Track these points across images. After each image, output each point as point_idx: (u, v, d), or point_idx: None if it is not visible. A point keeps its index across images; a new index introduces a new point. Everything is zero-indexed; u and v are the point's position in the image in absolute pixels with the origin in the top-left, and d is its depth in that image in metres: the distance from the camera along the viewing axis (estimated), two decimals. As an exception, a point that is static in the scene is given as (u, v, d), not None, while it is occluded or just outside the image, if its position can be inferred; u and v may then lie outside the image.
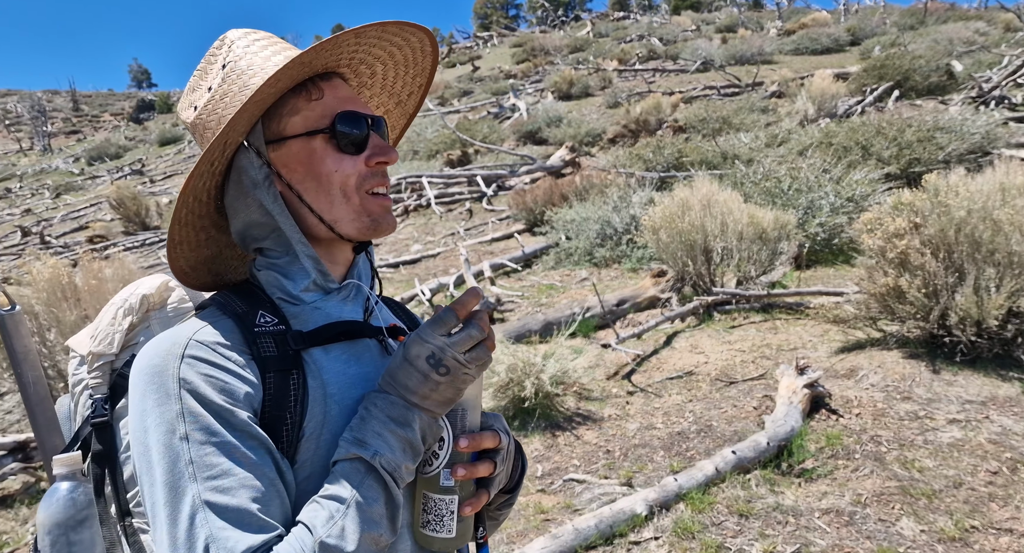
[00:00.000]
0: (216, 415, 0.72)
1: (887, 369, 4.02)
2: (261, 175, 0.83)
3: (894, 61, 12.76)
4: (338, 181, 0.84)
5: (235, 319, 0.81)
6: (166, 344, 0.76)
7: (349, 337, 0.86)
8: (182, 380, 0.73)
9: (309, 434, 0.78)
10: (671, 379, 4.50)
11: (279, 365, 0.78)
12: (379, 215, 0.86)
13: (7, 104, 56.78)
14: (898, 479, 3.04)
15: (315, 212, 0.85)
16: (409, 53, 0.95)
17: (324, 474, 0.77)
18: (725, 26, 28.87)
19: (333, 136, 0.83)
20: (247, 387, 0.75)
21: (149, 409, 0.72)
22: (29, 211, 19.42)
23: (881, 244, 4.07)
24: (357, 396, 0.82)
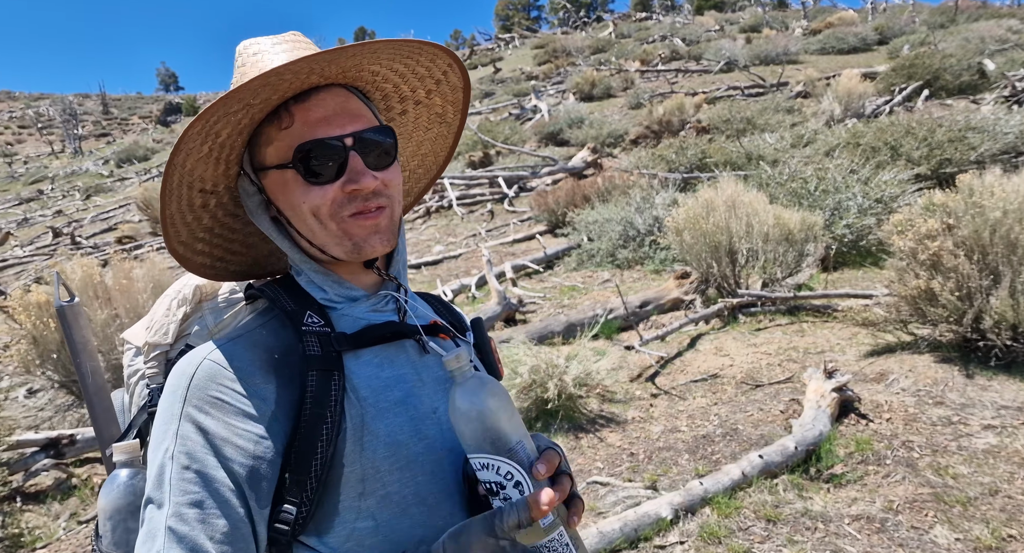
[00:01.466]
0: (209, 445, 0.74)
1: (918, 373, 3.93)
2: (254, 202, 0.87)
3: (924, 60, 12.53)
4: (307, 211, 0.83)
5: (287, 318, 0.84)
6: (184, 362, 0.80)
7: (389, 339, 0.87)
8: (186, 400, 0.76)
9: (350, 435, 0.79)
10: (695, 382, 4.46)
11: (322, 365, 0.80)
12: (361, 238, 0.84)
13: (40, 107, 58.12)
14: (931, 486, 2.97)
15: (304, 237, 0.86)
16: (433, 71, 0.93)
17: (376, 476, 0.80)
18: (749, 26, 28.59)
19: (297, 170, 0.82)
20: (260, 408, 0.77)
21: (158, 423, 0.78)
22: (60, 212, 19.84)
23: (912, 245, 3.99)
24: (394, 398, 0.84)
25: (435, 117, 1.02)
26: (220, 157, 0.84)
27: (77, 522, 3.66)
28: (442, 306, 1.07)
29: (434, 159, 1.09)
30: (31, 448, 4.04)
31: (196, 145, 0.79)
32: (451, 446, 0.86)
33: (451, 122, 1.03)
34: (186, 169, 0.81)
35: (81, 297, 4.48)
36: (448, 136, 1.05)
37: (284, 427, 0.78)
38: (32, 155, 42.00)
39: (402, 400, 0.84)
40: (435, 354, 0.91)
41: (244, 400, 0.77)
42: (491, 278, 6.75)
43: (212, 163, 0.84)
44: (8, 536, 3.37)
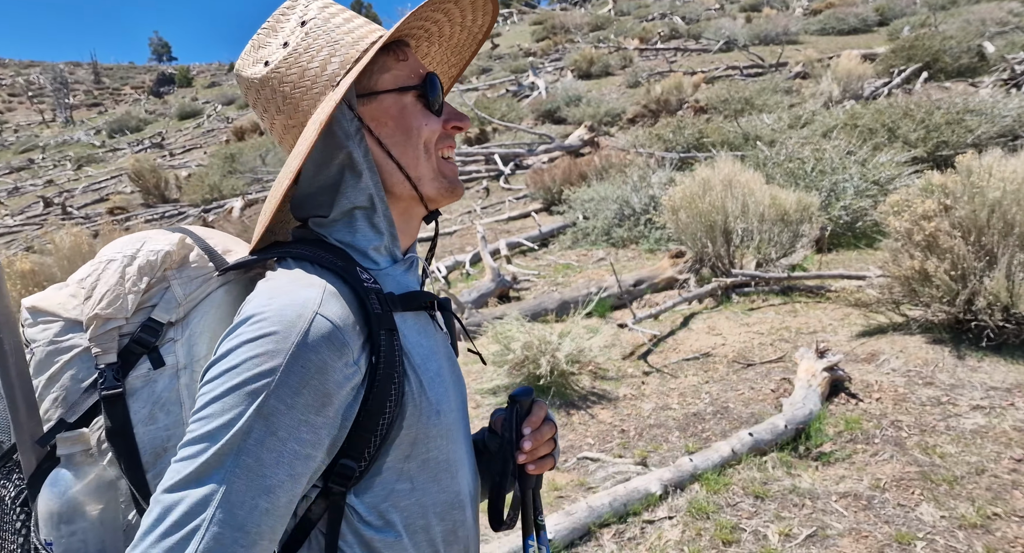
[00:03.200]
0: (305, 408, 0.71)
1: (909, 354, 3.95)
2: (353, 127, 0.84)
3: (923, 42, 12.44)
4: (425, 136, 0.86)
5: (343, 275, 0.79)
6: (292, 313, 0.72)
7: (421, 307, 0.88)
8: (296, 359, 0.70)
9: (412, 399, 0.80)
10: (688, 360, 4.47)
11: (387, 324, 0.78)
12: (453, 178, 0.90)
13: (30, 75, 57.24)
14: (918, 464, 3.00)
15: (402, 168, 0.86)
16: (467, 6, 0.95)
17: (425, 440, 0.81)
18: (749, 5, 28.26)
19: (423, 93, 0.86)
20: (351, 374, 0.74)
21: (248, 370, 0.69)
22: (51, 182, 19.64)
23: (908, 226, 3.98)
24: (434, 368, 0.85)
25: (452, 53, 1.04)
26: None
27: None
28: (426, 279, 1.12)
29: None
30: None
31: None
32: (462, 416, 0.92)
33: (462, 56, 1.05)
34: None
35: (70, 266, 4.43)
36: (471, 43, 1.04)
37: (364, 386, 0.76)
38: (22, 123, 41.43)
39: (438, 372, 0.85)
40: (442, 331, 0.94)
41: (343, 370, 0.73)
42: (485, 255, 6.73)
43: None
44: None
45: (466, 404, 0.97)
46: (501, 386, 4.25)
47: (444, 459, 0.85)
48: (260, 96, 0.87)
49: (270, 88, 0.85)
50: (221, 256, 0.92)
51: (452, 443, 0.86)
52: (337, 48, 0.83)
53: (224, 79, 51.49)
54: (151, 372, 0.85)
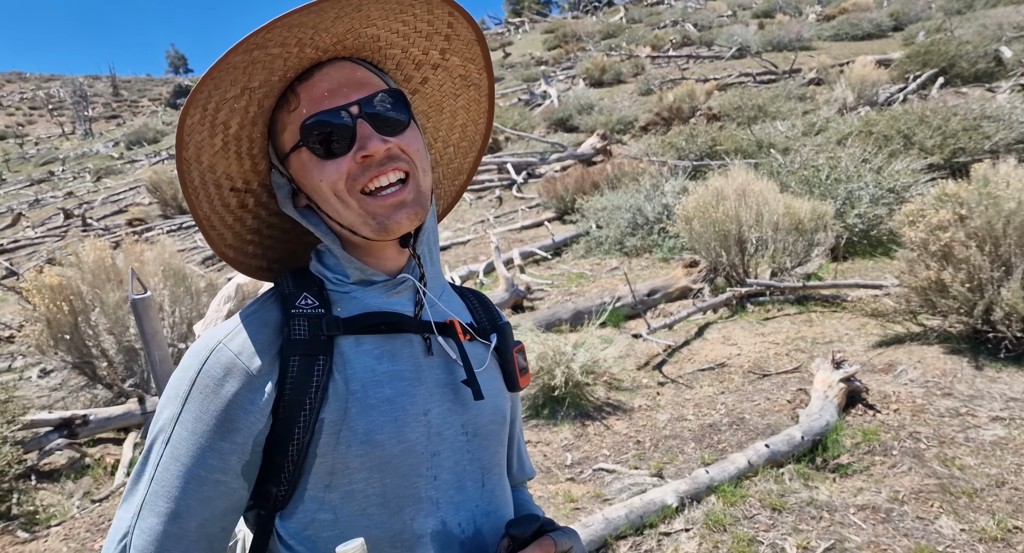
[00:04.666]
0: (205, 434, 0.75)
1: (927, 364, 3.92)
2: (284, 193, 0.85)
3: (939, 47, 12.35)
4: (327, 189, 0.80)
5: (280, 301, 0.82)
6: (200, 344, 0.79)
7: (389, 330, 0.83)
8: (193, 387, 0.76)
9: (328, 427, 0.77)
10: (703, 370, 4.46)
11: (306, 349, 0.78)
12: (384, 215, 0.80)
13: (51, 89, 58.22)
14: (937, 477, 2.98)
15: (333, 219, 0.83)
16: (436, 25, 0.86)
17: (345, 472, 0.78)
18: (762, 11, 28.22)
19: (308, 148, 0.79)
20: (257, 399, 0.77)
21: (163, 400, 0.78)
22: (71, 194, 19.93)
23: (923, 236, 3.96)
24: (384, 395, 0.80)
25: (460, 80, 0.95)
26: (241, 151, 0.82)
27: (91, 500, 3.72)
28: (479, 303, 1.02)
29: (474, 128, 1.02)
30: (45, 428, 4.10)
31: (205, 137, 0.77)
32: (435, 451, 0.83)
33: (479, 83, 0.96)
34: (204, 165, 0.79)
35: (94, 279, 4.51)
36: (481, 100, 0.98)
37: (272, 409, 0.77)
38: (43, 136, 42.13)
39: (391, 399, 0.80)
40: (440, 355, 0.87)
41: (247, 395, 0.76)
42: (499, 264, 6.76)
43: (234, 158, 0.82)
44: (24, 513, 3.43)
45: (482, 434, 0.89)
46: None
47: (377, 493, 0.79)
48: None
49: None
50: None
51: (393, 477, 0.79)
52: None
53: (240, 90, 51.94)
54: None
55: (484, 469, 0.89)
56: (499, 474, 0.93)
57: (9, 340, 6.88)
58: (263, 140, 0.84)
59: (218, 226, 0.85)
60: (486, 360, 0.92)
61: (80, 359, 4.72)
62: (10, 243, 13.72)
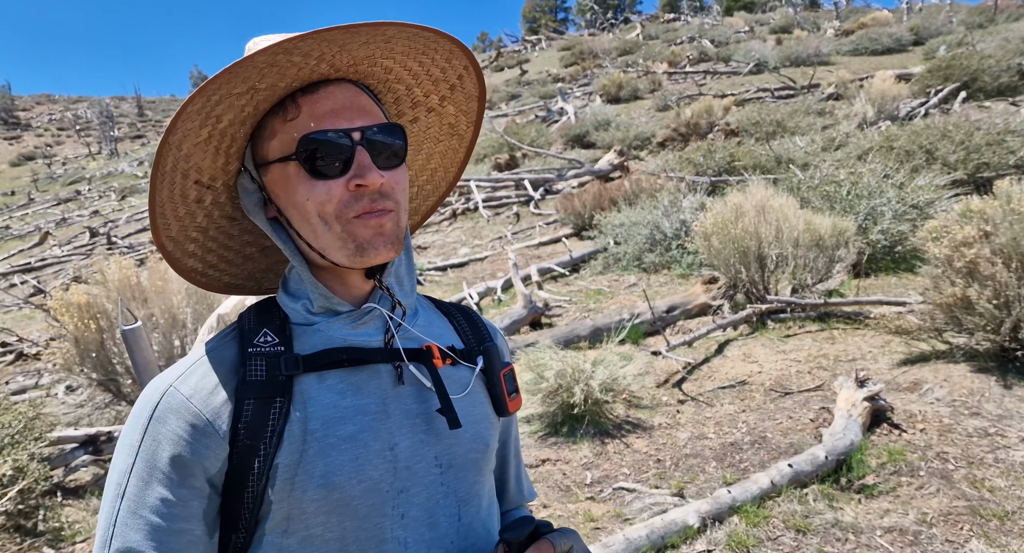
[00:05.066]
0: (160, 483, 0.73)
1: (953, 383, 3.86)
2: (252, 201, 0.82)
3: (961, 61, 12.27)
4: (312, 209, 0.77)
5: (239, 339, 0.80)
6: (151, 389, 0.77)
7: (352, 364, 0.80)
8: (144, 434, 0.74)
9: (283, 472, 0.74)
10: (723, 388, 4.42)
11: (262, 392, 0.75)
12: (365, 240, 0.77)
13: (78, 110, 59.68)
14: (967, 499, 2.91)
15: (304, 239, 0.80)
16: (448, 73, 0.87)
17: (302, 517, 0.74)
18: (780, 27, 28.25)
19: (301, 163, 0.76)
20: (211, 444, 0.74)
21: (118, 449, 0.76)
22: (97, 213, 20.34)
23: (948, 253, 3.91)
24: (345, 433, 0.76)
25: (447, 128, 0.96)
26: (220, 147, 0.79)
27: (114, 517, 3.76)
28: (466, 322, 0.97)
29: (443, 174, 1.02)
30: (71, 444, 4.16)
31: (195, 127, 0.74)
32: (402, 487, 0.79)
33: (463, 135, 0.97)
34: (182, 153, 0.76)
35: (119, 298, 4.59)
36: (459, 150, 0.98)
37: (227, 455, 0.75)
38: (70, 156, 43.14)
39: (352, 436, 0.77)
40: (412, 384, 0.83)
41: (201, 440, 0.73)
42: (517, 281, 6.77)
43: (211, 153, 0.79)
44: (50, 529, 3.47)
45: (459, 465, 0.84)
46: (535, 415, 4.25)
47: (336, 537, 0.75)
48: None
49: None
50: None
51: (353, 519, 0.76)
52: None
53: (261, 109, 52.90)
54: None
55: (460, 502, 0.84)
56: (478, 506, 0.87)
57: (36, 357, 7.01)
58: (243, 141, 0.81)
59: (168, 215, 0.82)
60: (469, 384, 0.88)
61: (105, 376, 4.79)
62: (37, 261, 14.01)
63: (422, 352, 0.84)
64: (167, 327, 4.85)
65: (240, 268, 0.94)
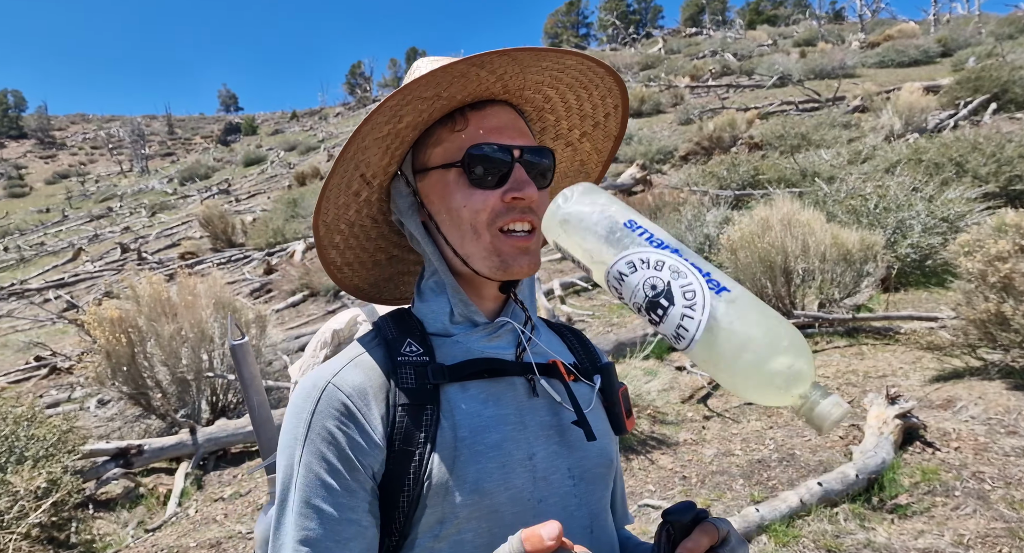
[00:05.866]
0: (330, 474, 0.75)
1: (989, 400, 3.76)
2: (406, 203, 0.87)
3: (991, 72, 12.09)
4: (467, 217, 0.82)
5: (385, 347, 0.83)
6: (309, 384, 0.79)
7: (491, 375, 0.83)
8: (309, 428, 0.76)
9: (437, 477, 0.76)
10: (749, 404, 4.36)
11: (414, 399, 0.78)
12: (510, 256, 0.82)
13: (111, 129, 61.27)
14: (1005, 520, 2.83)
15: (450, 244, 0.84)
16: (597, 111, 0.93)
17: (454, 521, 0.76)
18: (803, 40, 28.10)
19: (465, 170, 0.82)
20: (370, 443, 0.76)
21: (282, 445, 0.79)
22: (128, 229, 20.81)
23: (981, 267, 3.83)
24: (491, 441, 0.79)
25: (577, 165, 1.02)
26: (390, 147, 0.85)
27: (144, 530, 3.81)
28: (578, 342, 1.00)
29: None
30: (102, 457, 4.23)
31: (382, 121, 0.79)
32: (540, 497, 0.81)
33: (590, 173, 1.02)
34: (364, 144, 0.81)
35: (150, 312, 4.68)
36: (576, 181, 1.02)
37: (383, 458, 0.77)
38: (103, 174, 44.25)
39: (497, 444, 0.79)
40: (544, 396, 0.86)
41: (360, 437, 0.76)
42: (539, 295, 6.77)
43: (382, 150, 0.85)
44: (82, 541, 3.53)
45: (589, 478, 0.86)
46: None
47: (486, 543, 0.76)
48: None
49: None
50: None
51: (500, 526, 0.77)
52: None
53: (287, 126, 53.98)
54: None
55: (592, 515, 0.85)
56: (605, 520, 0.89)
57: (69, 371, 7.16)
58: (408, 146, 0.87)
59: (331, 200, 0.87)
60: (592, 401, 0.90)
61: (136, 390, 4.87)
62: (71, 277, 14.35)
63: (549, 367, 0.87)
64: (196, 341, 4.93)
65: (368, 272, 0.99)
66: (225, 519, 3.81)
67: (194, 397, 5.04)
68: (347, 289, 0.99)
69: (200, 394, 5.07)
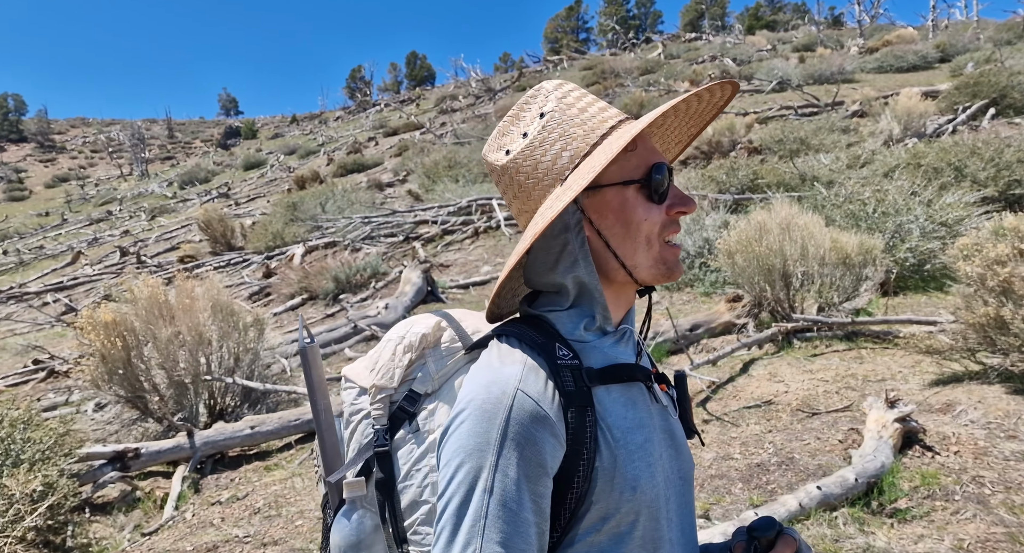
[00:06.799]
0: (524, 479, 0.77)
1: (988, 405, 3.75)
2: (573, 220, 0.88)
3: (989, 77, 12.12)
4: (645, 229, 0.87)
5: (540, 352, 0.85)
6: (496, 390, 0.80)
7: (630, 380, 0.89)
8: (505, 434, 0.77)
9: (603, 475, 0.81)
10: (749, 408, 4.35)
11: (579, 400, 0.82)
12: (673, 264, 0.90)
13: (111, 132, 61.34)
14: (1005, 525, 2.82)
15: (619, 258, 0.88)
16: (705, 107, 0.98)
17: (616, 516, 0.81)
18: (802, 45, 28.17)
19: (646, 186, 0.87)
20: (557, 445, 0.79)
21: (468, 447, 0.78)
22: (127, 232, 20.80)
23: (980, 271, 3.83)
24: (638, 441, 0.84)
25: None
26: None
27: (141, 533, 3.79)
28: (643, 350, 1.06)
29: None
30: (99, 460, 4.22)
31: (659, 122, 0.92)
32: (667, 495, 0.88)
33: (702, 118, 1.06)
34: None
35: (147, 315, 4.67)
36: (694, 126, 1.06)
37: (562, 457, 0.80)
38: (103, 178, 44.27)
39: (642, 445, 0.85)
40: (659, 404, 0.93)
41: (551, 440, 0.79)
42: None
43: None
44: (78, 545, 3.51)
45: (689, 480, 0.95)
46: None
47: (639, 535, 0.84)
48: (501, 179, 0.94)
49: (508, 176, 0.92)
50: (469, 336, 1.06)
51: (652, 520, 0.85)
52: (569, 142, 0.87)
53: (287, 130, 54.06)
54: (408, 435, 0.99)
55: (693, 513, 0.95)
56: (695, 519, 0.98)
57: (66, 374, 7.14)
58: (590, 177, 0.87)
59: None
60: (675, 408, 0.98)
61: (133, 393, 4.86)
62: (69, 280, 14.33)
63: (657, 375, 0.95)
64: (193, 344, 4.92)
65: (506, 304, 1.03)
66: (222, 523, 3.80)
67: (191, 400, 5.02)
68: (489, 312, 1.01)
69: (197, 397, 5.05)
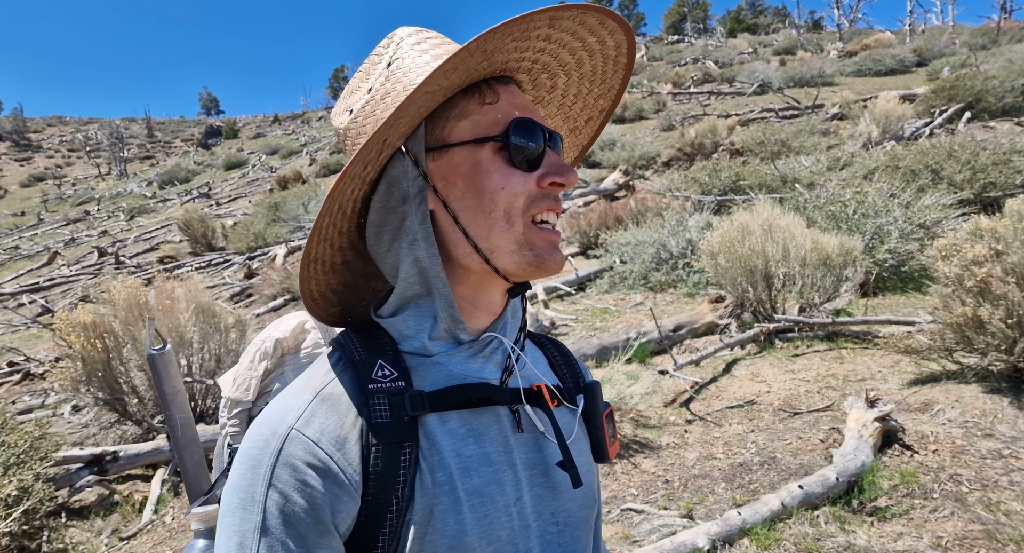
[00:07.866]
0: (297, 542, 0.61)
1: (966, 404, 3.81)
2: (414, 188, 0.70)
3: (965, 81, 12.33)
4: (503, 200, 0.69)
5: (353, 372, 0.69)
6: (267, 430, 0.65)
7: (478, 404, 0.71)
8: (270, 486, 0.62)
9: (415, 529, 0.65)
10: (731, 408, 4.38)
11: (390, 436, 0.65)
12: (544, 250, 0.71)
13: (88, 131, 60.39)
14: (982, 522, 2.86)
15: (470, 237, 0.70)
16: (600, 63, 0.79)
17: None
18: (783, 48, 28.47)
19: (505, 146, 0.69)
20: (344, 497, 0.64)
21: (232, 504, 0.63)
22: (105, 233, 20.49)
23: (958, 272, 3.89)
24: (472, 486, 0.68)
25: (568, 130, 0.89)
26: (420, 109, 0.69)
27: (119, 538, 3.73)
28: (561, 357, 0.88)
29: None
30: (76, 464, 4.15)
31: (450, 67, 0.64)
32: (526, 548, 0.71)
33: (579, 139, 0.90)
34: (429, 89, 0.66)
35: (126, 317, 4.60)
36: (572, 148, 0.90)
37: (356, 511, 0.65)
38: (80, 177, 43.57)
39: (480, 489, 0.68)
40: (530, 429, 0.75)
41: (334, 491, 0.63)
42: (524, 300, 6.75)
43: (413, 113, 0.69)
44: (54, 551, 3.45)
45: (573, 524, 0.76)
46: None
47: None
48: (345, 144, 0.76)
49: (351, 139, 0.75)
50: None
51: None
52: (413, 87, 0.66)
53: (268, 130, 53.60)
54: None
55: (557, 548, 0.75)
56: None
57: (42, 377, 7.02)
58: (420, 119, 0.70)
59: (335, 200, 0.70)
60: (574, 427, 0.79)
61: (111, 395, 4.78)
62: (46, 281, 14.09)
63: (535, 392, 0.75)
64: (174, 346, 4.85)
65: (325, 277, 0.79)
66: (202, 527, 3.75)
67: (171, 403, 4.95)
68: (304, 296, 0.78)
69: (178, 400, 4.98)
